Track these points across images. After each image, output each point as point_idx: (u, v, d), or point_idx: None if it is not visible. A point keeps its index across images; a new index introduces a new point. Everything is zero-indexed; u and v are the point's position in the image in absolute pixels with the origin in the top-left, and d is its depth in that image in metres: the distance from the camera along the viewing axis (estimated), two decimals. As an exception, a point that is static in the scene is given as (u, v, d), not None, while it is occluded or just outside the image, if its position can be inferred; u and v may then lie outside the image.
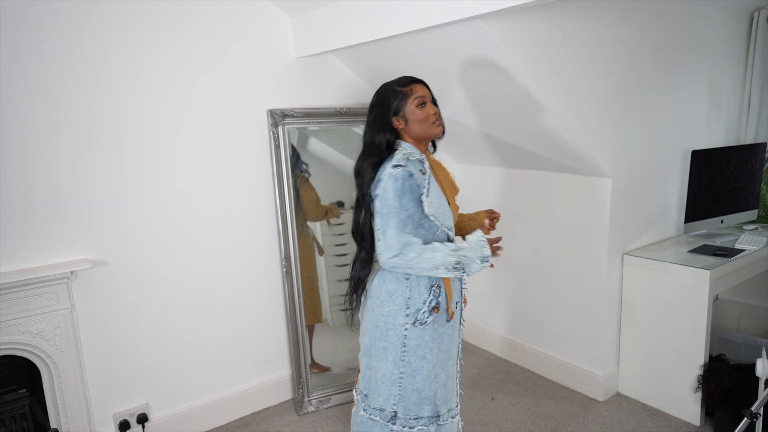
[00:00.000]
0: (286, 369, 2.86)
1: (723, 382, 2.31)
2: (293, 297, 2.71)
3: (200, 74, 2.42)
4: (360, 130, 2.89)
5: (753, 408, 1.70)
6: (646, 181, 2.75)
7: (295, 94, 2.71)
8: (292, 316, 2.72)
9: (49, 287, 2.09)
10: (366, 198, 1.70)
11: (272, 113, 2.60)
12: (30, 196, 2.07)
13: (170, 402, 2.52)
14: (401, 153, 1.66)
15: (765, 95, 3.20)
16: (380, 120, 1.69)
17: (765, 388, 1.91)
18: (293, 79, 2.70)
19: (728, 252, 2.62)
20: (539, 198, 2.89)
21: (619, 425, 2.52)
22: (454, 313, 1.75)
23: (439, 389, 1.74)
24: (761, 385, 1.95)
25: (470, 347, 3.39)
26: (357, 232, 1.78)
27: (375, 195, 1.64)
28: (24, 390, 2.16)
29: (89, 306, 2.24)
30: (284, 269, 2.69)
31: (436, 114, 1.70)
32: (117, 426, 2.37)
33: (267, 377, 2.80)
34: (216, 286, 2.59)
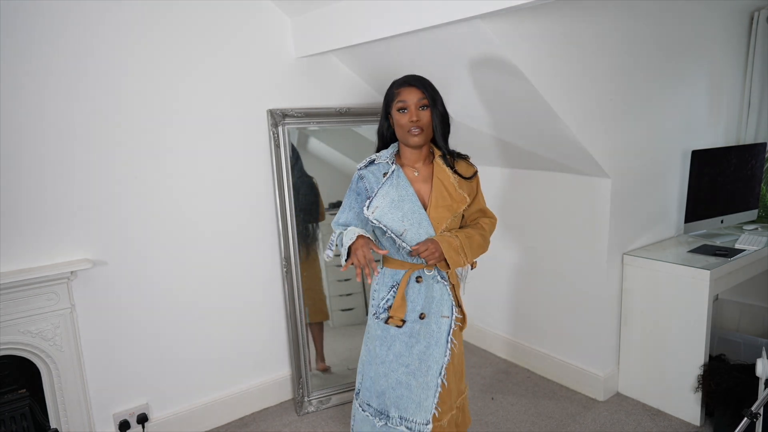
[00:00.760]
0: (286, 369, 2.86)
1: (723, 382, 2.31)
2: (293, 297, 2.71)
3: (200, 75, 2.42)
4: (360, 130, 2.90)
5: (753, 408, 1.70)
6: (646, 181, 2.75)
7: (295, 94, 2.71)
8: (292, 316, 2.72)
9: (49, 287, 2.09)
10: None
11: (272, 113, 2.60)
12: (30, 197, 2.07)
13: (170, 402, 2.52)
14: (376, 154, 1.77)
15: (765, 95, 3.20)
16: (382, 113, 1.78)
17: (765, 388, 1.91)
18: (293, 79, 2.70)
19: (728, 252, 2.62)
20: (539, 198, 2.89)
21: (619, 425, 2.52)
22: (404, 322, 1.69)
23: (389, 390, 1.72)
24: (761, 385, 1.95)
25: (470, 347, 3.40)
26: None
27: None
28: (24, 390, 2.16)
29: (89, 306, 2.24)
30: (284, 269, 2.69)
31: (415, 123, 1.63)
32: (117, 426, 2.37)
33: (267, 377, 2.80)
34: (216, 286, 2.59)
